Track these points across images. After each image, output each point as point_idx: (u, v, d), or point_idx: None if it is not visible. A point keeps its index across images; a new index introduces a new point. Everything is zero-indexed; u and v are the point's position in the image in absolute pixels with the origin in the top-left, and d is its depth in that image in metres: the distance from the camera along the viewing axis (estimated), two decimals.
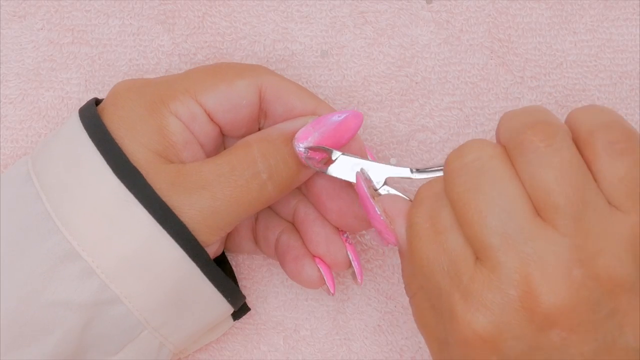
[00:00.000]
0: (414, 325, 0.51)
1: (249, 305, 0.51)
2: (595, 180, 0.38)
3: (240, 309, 0.50)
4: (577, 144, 0.39)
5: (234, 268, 0.51)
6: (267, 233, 0.48)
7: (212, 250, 0.44)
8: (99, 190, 0.42)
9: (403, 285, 0.50)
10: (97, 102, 0.46)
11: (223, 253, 0.51)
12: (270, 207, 0.48)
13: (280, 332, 0.51)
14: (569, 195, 0.37)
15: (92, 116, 0.43)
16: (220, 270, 0.43)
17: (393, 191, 0.44)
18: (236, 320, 0.50)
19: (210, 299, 0.44)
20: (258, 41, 0.52)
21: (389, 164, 0.51)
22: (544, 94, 0.53)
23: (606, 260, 0.37)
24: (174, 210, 0.41)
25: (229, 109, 0.44)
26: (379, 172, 0.44)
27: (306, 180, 0.46)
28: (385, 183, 0.44)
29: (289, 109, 0.45)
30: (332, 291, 0.46)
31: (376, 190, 0.44)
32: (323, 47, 0.53)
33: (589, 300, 0.37)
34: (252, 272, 0.52)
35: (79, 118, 0.44)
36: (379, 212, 0.42)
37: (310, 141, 0.43)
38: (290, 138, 0.43)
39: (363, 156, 0.45)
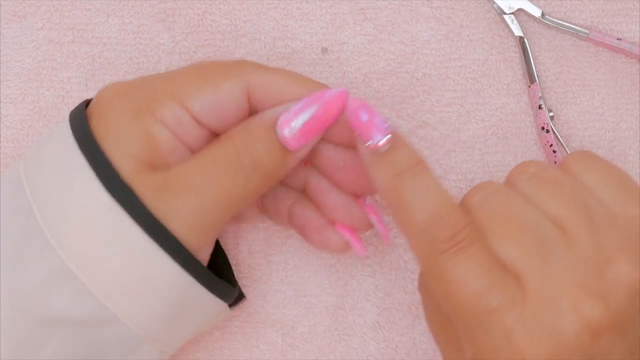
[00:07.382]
0: (410, 322, 0.51)
1: (249, 304, 0.51)
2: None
3: (236, 298, 0.50)
4: None
5: (233, 267, 0.51)
6: (277, 204, 0.48)
7: (206, 251, 0.43)
8: (91, 208, 0.41)
9: (400, 282, 0.49)
10: (88, 102, 0.45)
11: (218, 243, 0.50)
12: None
13: (278, 329, 0.51)
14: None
15: (81, 123, 0.43)
16: (214, 276, 0.43)
17: None
18: (232, 308, 0.49)
19: (206, 303, 0.43)
20: (258, 39, 0.52)
21: None
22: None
23: (626, 255, 0.38)
24: (163, 219, 0.41)
25: (216, 113, 0.43)
26: None
27: (314, 155, 0.45)
28: None
29: (280, 102, 0.44)
30: (363, 252, 0.46)
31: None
32: (323, 44, 0.52)
33: (627, 295, 0.38)
34: (252, 270, 0.51)
35: (69, 126, 0.43)
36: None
37: (294, 127, 0.42)
38: (271, 126, 0.42)
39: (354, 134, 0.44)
